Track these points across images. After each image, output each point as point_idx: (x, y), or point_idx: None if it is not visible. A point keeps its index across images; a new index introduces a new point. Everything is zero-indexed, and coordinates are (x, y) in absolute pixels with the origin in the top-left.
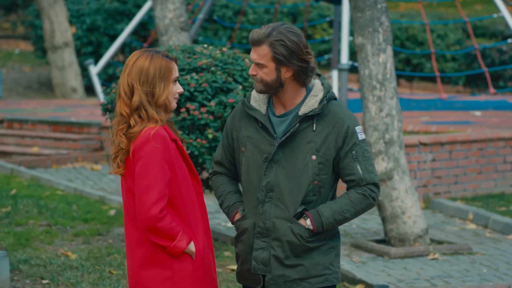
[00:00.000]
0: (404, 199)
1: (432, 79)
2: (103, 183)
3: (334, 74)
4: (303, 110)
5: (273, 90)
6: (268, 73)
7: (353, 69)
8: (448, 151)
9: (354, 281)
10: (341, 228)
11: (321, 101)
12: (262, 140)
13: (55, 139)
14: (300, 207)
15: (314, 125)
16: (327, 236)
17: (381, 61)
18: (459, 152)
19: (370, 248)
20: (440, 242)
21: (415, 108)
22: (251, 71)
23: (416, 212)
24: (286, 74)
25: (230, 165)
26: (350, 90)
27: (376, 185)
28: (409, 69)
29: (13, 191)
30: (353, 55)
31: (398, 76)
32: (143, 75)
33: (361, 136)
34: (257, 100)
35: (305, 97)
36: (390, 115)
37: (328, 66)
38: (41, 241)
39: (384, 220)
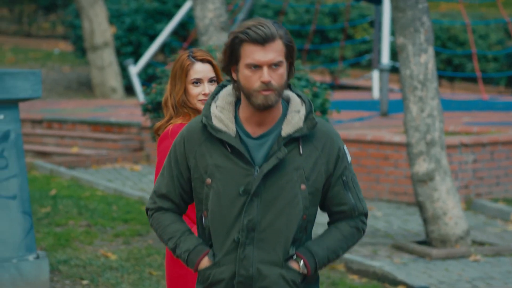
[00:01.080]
0: (446, 200)
1: (473, 80)
2: (142, 184)
3: (375, 74)
4: (286, 130)
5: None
6: (283, 75)
7: (394, 69)
8: (490, 152)
9: (395, 282)
10: (382, 228)
11: (307, 118)
12: (235, 170)
13: (95, 139)
14: (291, 248)
15: (301, 147)
16: (312, 280)
17: (423, 62)
18: (501, 153)
19: (411, 249)
20: (481, 244)
21: (456, 108)
22: (267, 77)
23: (458, 213)
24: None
25: (180, 200)
26: (391, 90)
27: (367, 215)
28: (450, 69)
29: (53, 192)
30: (394, 55)
31: (439, 77)
32: (171, 72)
33: (349, 157)
34: (222, 119)
35: (284, 113)
36: (431, 116)
37: (369, 66)
38: (80, 241)
39: (425, 221)
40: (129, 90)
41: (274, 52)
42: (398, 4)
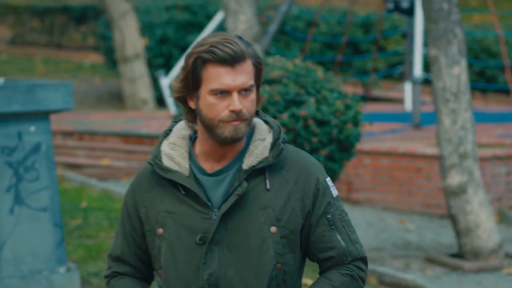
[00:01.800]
0: (478, 213)
1: (506, 92)
2: None
3: (407, 86)
4: (248, 162)
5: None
6: (253, 102)
7: (427, 81)
8: None
9: None
10: (414, 240)
11: (273, 146)
12: (190, 214)
13: (126, 152)
14: None
15: (267, 181)
16: None
17: (455, 73)
18: None
19: (444, 262)
20: None
21: (489, 120)
22: (238, 105)
23: (491, 226)
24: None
25: (138, 262)
26: (424, 102)
27: (365, 260)
28: (483, 81)
29: (84, 204)
30: (426, 67)
31: (472, 89)
32: None
33: (334, 191)
34: (173, 157)
35: (247, 143)
36: (464, 128)
37: (401, 78)
38: None
39: (458, 233)
40: (160, 101)
41: (245, 74)
42: (430, 15)
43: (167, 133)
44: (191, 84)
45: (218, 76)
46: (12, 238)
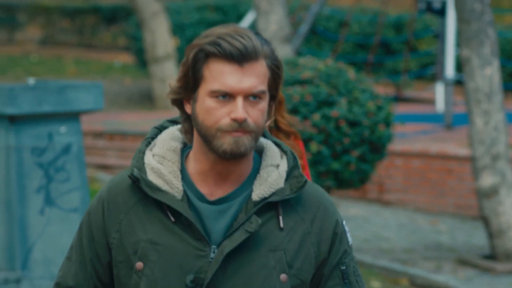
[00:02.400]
0: (511, 214)
1: None
2: None
3: (439, 87)
4: (260, 192)
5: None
6: (264, 113)
7: (459, 82)
8: None
9: None
10: (446, 242)
11: (290, 175)
12: (180, 248)
13: None
14: None
15: (281, 218)
16: None
17: (488, 74)
18: None
19: (476, 264)
20: None
21: None
22: (241, 112)
23: None
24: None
25: None
26: (456, 103)
27: None
28: None
29: None
30: (458, 67)
31: (505, 90)
32: None
33: (350, 238)
34: (162, 173)
35: (256, 168)
36: (496, 129)
37: (433, 79)
38: None
39: (490, 235)
40: None
41: (255, 77)
42: (463, 16)
43: (149, 141)
44: (191, 83)
45: (221, 75)
46: (42, 239)
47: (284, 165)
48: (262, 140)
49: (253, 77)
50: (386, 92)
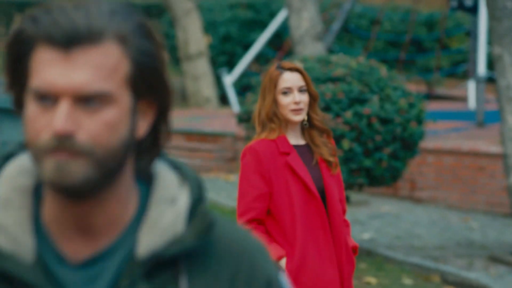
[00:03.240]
0: None
1: None
2: (237, 194)
3: (471, 84)
4: (148, 244)
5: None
6: (111, 124)
7: (490, 80)
8: None
9: None
10: (478, 239)
11: (194, 213)
12: None
13: (189, 149)
14: None
15: (183, 280)
16: None
17: None
18: None
19: (507, 261)
20: None
21: None
22: (62, 123)
23: None
24: (142, 124)
25: None
26: (487, 101)
27: None
28: None
29: None
30: (490, 65)
31: None
32: (261, 88)
33: None
34: (3, 225)
35: (142, 207)
36: None
37: (465, 76)
38: None
39: None
40: (223, 99)
41: (92, 69)
42: (494, 13)
43: None
44: (13, 78)
45: (42, 67)
46: None
47: (183, 199)
48: (159, 165)
49: (87, 70)
50: (417, 90)
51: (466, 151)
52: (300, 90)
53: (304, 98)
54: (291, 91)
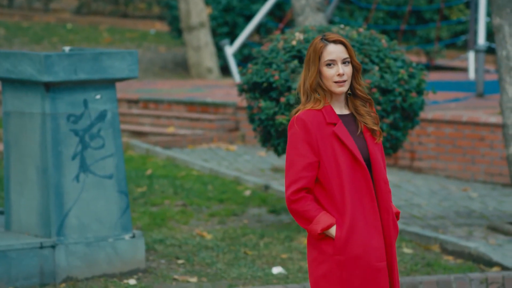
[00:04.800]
0: None
1: None
2: (238, 164)
3: (471, 55)
4: None
5: None
6: None
7: (490, 50)
8: None
9: (490, 263)
10: (477, 209)
11: None
12: None
13: (190, 120)
14: None
15: None
16: None
17: None
18: None
19: (506, 230)
20: None
21: None
22: None
23: None
24: None
25: None
26: (487, 71)
27: None
28: None
29: (149, 171)
30: (490, 36)
31: None
32: (305, 58)
33: None
34: None
35: None
36: None
37: (465, 47)
38: (176, 221)
39: None
40: (224, 70)
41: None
42: None
43: None
44: None
45: None
46: (78, 205)
47: None
48: None
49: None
50: (418, 60)
51: (466, 121)
52: (344, 62)
53: (348, 70)
54: (335, 63)
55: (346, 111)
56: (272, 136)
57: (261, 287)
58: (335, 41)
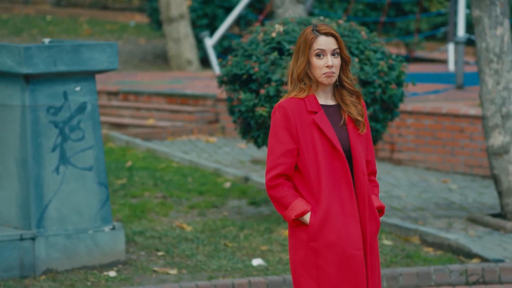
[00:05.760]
0: None
1: None
2: (218, 155)
3: (451, 47)
4: None
5: None
6: None
7: (470, 42)
8: None
9: (470, 255)
10: (457, 200)
11: None
12: None
13: (170, 111)
14: None
15: None
16: None
17: (498, 34)
18: None
19: (486, 222)
20: None
21: None
22: None
23: None
24: None
25: None
26: (467, 63)
27: None
28: None
29: (129, 163)
30: (469, 28)
31: None
32: (295, 47)
33: None
34: None
35: None
36: (507, 89)
37: (444, 39)
38: (156, 213)
39: (500, 194)
40: (204, 62)
41: None
42: None
43: None
44: None
45: None
46: (57, 197)
47: None
48: None
49: None
50: (397, 52)
51: (446, 113)
52: (333, 53)
53: (336, 62)
54: (325, 53)
55: (331, 102)
56: (252, 128)
57: (241, 279)
58: (327, 33)
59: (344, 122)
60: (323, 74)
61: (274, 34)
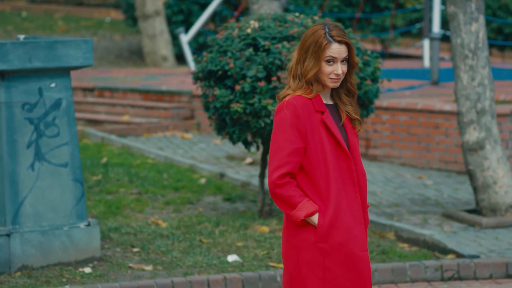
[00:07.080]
0: (496, 169)
1: None
2: (193, 152)
3: (426, 43)
4: None
5: None
6: None
7: (445, 38)
8: None
9: (445, 251)
10: (432, 196)
11: None
12: None
13: (146, 108)
14: None
15: None
16: None
17: (473, 30)
18: None
19: (461, 218)
20: None
21: (507, 77)
22: None
23: (508, 182)
24: None
25: None
26: (442, 59)
27: None
28: (501, 38)
29: (104, 160)
30: (444, 24)
31: (490, 46)
32: (302, 43)
33: None
34: None
35: None
36: (482, 85)
37: (420, 35)
38: (131, 209)
39: (475, 190)
40: (180, 58)
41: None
42: None
43: None
44: None
45: None
46: (33, 193)
47: None
48: None
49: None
50: (373, 48)
51: (421, 109)
52: (342, 60)
53: (345, 68)
54: (336, 61)
55: (330, 101)
56: (227, 124)
57: (216, 275)
58: (340, 42)
59: (343, 122)
60: (330, 79)
61: (249, 30)
